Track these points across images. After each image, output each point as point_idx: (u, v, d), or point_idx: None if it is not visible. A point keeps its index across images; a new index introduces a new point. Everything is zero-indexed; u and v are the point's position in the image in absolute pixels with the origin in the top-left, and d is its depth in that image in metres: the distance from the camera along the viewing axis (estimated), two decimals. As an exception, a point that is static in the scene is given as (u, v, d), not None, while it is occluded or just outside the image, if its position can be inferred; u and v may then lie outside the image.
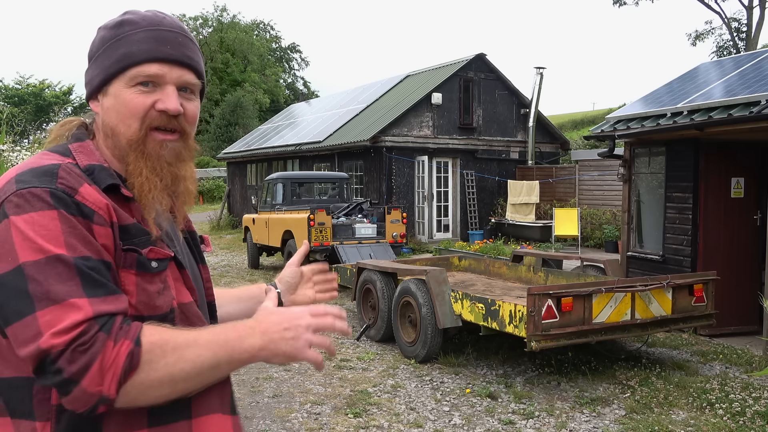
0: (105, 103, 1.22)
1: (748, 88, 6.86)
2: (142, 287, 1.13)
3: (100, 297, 1.03)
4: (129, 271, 1.12)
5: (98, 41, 1.23)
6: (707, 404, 4.96)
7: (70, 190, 1.09)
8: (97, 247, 1.07)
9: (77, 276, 1.03)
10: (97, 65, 1.22)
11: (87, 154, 1.19)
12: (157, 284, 1.15)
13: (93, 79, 1.23)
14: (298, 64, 58.58)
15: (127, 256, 1.12)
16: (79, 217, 1.07)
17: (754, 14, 27.71)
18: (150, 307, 1.13)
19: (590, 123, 35.29)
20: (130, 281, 1.12)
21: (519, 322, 5.24)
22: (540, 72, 17.80)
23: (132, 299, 1.11)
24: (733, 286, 7.09)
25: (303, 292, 1.62)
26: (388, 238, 10.81)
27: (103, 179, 1.16)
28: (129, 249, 1.13)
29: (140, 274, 1.13)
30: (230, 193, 24.22)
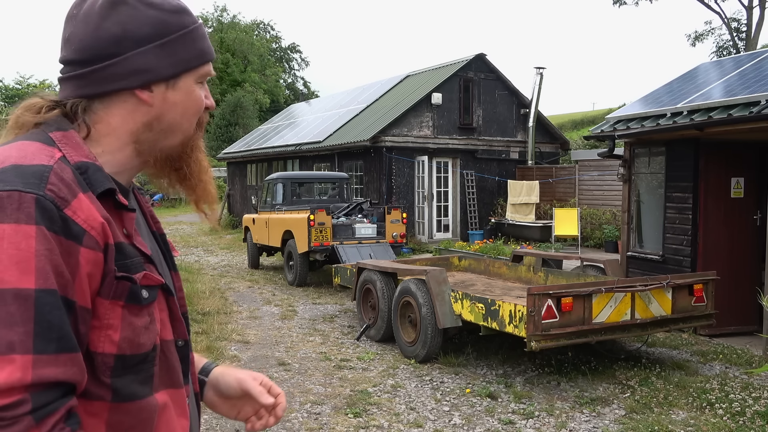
0: (171, 98, 1.06)
1: (748, 88, 6.86)
2: (129, 321, 0.96)
3: (49, 354, 0.83)
4: (117, 302, 0.94)
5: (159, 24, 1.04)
6: (707, 404, 4.96)
7: (60, 201, 0.90)
8: (68, 282, 0.88)
9: (32, 320, 0.83)
10: (168, 54, 1.04)
11: (74, 148, 0.99)
12: (145, 318, 0.99)
13: (161, 67, 1.04)
14: (298, 64, 58.59)
15: (119, 285, 0.95)
16: (62, 237, 0.88)
17: (754, 14, 27.71)
18: (134, 345, 0.96)
19: (590, 123, 35.29)
20: (115, 314, 0.94)
21: (519, 322, 5.24)
22: (540, 72, 17.79)
23: (115, 335, 0.94)
24: (733, 286, 7.09)
25: (231, 408, 1.27)
26: (388, 238, 10.81)
27: (98, 182, 0.98)
28: (123, 277, 0.95)
29: (128, 306, 0.96)
30: (230, 193, 24.23)
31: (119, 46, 1.01)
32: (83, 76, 1.03)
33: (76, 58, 1.03)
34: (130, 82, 1.03)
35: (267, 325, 7.96)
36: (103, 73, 1.02)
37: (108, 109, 1.04)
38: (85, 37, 1.02)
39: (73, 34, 1.03)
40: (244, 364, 6.20)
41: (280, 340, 7.17)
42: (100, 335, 0.93)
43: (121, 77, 1.02)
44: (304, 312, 8.71)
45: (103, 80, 1.02)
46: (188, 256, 14.81)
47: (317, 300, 9.56)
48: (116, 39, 1.01)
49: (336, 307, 9.06)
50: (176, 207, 35.06)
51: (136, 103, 1.04)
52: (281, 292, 10.29)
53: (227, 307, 8.94)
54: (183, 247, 17.02)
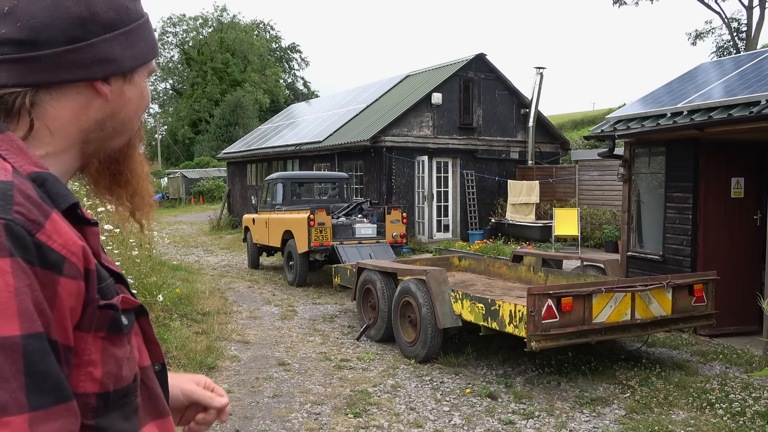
0: (127, 93, 0.93)
1: (748, 88, 6.86)
2: (110, 353, 0.83)
3: (46, 409, 0.72)
4: (98, 334, 0.81)
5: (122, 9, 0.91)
6: (707, 404, 4.96)
7: (31, 225, 0.75)
8: (49, 319, 0.75)
9: (23, 372, 0.71)
10: (131, 44, 0.92)
11: (19, 154, 0.82)
12: (126, 347, 0.86)
13: (124, 58, 0.91)
14: (298, 64, 58.64)
15: (102, 315, 0.82)
16: (38, 268, 0.74)
17: (754, 14, 27.70)
18: (117, 380, 0.84)
19: (590, 123, 35.29)
20: (96, 348, 0.81)
21: (519, 322, 5.24)
22: (540, 72, 17.79)
23: (97, 372, 0.81)
24: (733, 286, 7.09)
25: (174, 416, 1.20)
26: (388, 238, 10.81)
27: (61, 196, 0.82)
28: (106, 306, 0.82)
29: (109, 337, 0.83)
30: (230, 193, 24.23)
31: (84, 30, 0.86)
32: (34, 61, 0.85)
33: (22, 37, 0.84)
34: (93, 72, 0.88)
35: (267, 325, 7.95)
36: (62, 59, 0.85)
37: (56, 102, 0.87)
38: (38, 14, 0.85)
39: (19, 8, 0.84)
40: (244, 364, 6.20)
41: (280, 340, 7.17)
42: (80, 374, 0.81)
43: (83, 66, 0.87)
44: (304, 312, 8.71)
45: (61, 67, 0.86)
46: (188, 256, 14.80)
47: (317, 300, 9.56)
48: (82, 21, 0.86)
49: (336, 307, 9.06)
50: (176, 207, 35.08)
51: (91, 97, 0.89)
52: (281, 292, 10.29)
53: (227, 307, 8.94)
54: (183, 247, 17.02)
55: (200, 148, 45.17)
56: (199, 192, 36.16)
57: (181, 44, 52.23)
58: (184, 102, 49.43)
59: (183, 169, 41.50)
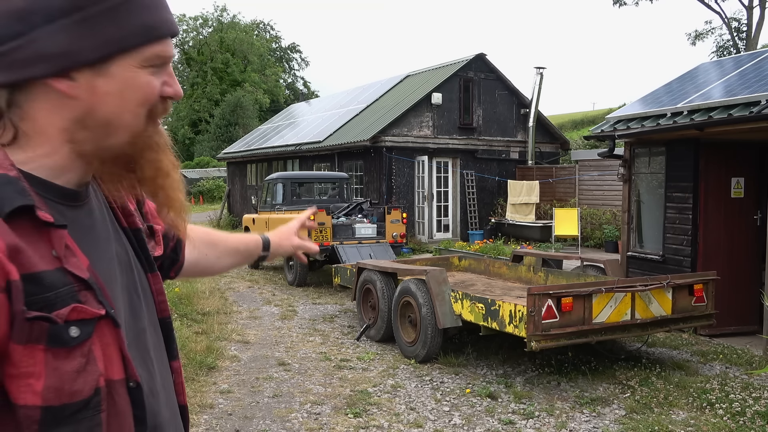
0: (102, 87, 0.85)
1: (748, 88, 6.86)
2: (54, 366, 0.79)
3: None
4: (35, 347, 0.78)
5: None
6: (707, 404, 4.96)
7: None
8: None
9: None
10: (91, 31, 0.82)
11: None
12: (76, 360, 0.81)
13: (81, 49, 0.82)
14: (298, 64, 58.63)
15: (34, 327, 0.78)
16: None
17: (754, 14, 27.70)
18: (63, 394, 0.79)
19: (590, 123, 35.29)
20: (36, 360, 0.78)
21: (519, 322, 5.24)
22: (540, 72, 17.79)
23: (37, 384, 0.78)
24: (733, 286, 7.09)
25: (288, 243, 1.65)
26: (388, 238, 10.81)
27: (5, 200, 0.78)
28: (37, 318, 0.78)
29: (52, 350, 0.79)
30: (230, 193, 24.23)
31: (25, 23, 0.80)
32: None
33: None
34: (40, 69, 0.81)
35: (267, 325, 7.95)
36: (6, 58, 0.81)
37: (33, 104, 0.84)
38: None
39: None
40: (244, 364, 6.20)
41: (280, 340, 7.17)
42: (20, 385, 0.78)
43: (28, 63, 0.81)
44: (304, 312, 8.71)
45: (9, 68, 0.81)
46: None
47: (317, 300, 9.56)
48: (21, 14, 0.79)
49: (336, 307, 9.06)
50: (176, 207, 34.99)
51: (59, 96, 0.84)
52: (281, 292, 10.29)
53: (227, 307, 8.94)
54: (183, 247, 17.00)
55: (200, 148, 45.18)
56: (199, 192, 36.17)
57: (181, 44, 52.23)
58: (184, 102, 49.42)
59: (183, 169, 41.37)
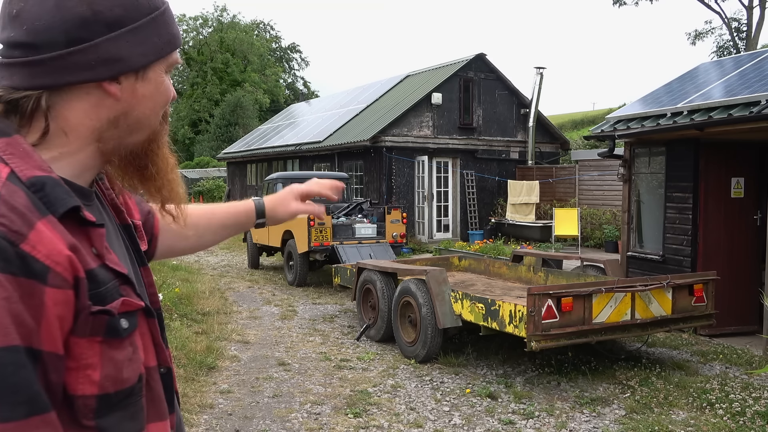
0: (141, 90, 0.92)
1: (748, 88, 6.86)
2: (109, 357, 0.84)
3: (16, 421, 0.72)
4: (94, 339, 0.82)
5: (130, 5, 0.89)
6: (707, 404, 4.96)
7: (13, 236, 0.75)
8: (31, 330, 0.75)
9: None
10: (141, 40, 0.90)
11: (23, 158, 0.83)
12: (127, 349, 0.87)
13: (133, 56, 0.89)
14: (298, 64, 58.61)
15: (96, 321, 0.82)
16: (21, 278, 0.75)
17: (754, 14, 27.70)
18: (117, 381, 0.85)
19: (590, 123, 35.29)
20: (93, 352, 0.82)
21: (519, 322, 5.24)
22: (540, 72, 17.80)
23: (95, 375, 0.82)
24: (733, 286, 7.09)
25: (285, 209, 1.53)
26: (388, 238, 10.81)
27: (59, 200, 0.82)
28: (99, 311, 0.83)
29: (107, 341, 0.84)
30: (230, 193, 24.24)
31: (88, 30, 0.85)
32: (40, 64, 0.85)
33: (28, 40, 0.85)
34: (99, 73, 0.87)
35: (267, 325, 7.95)
36: (65, 62, 0.85)
37: (67, 104, 0.88)
38: (42, 16, 0.84)
39: (25, 11, 0.85)
40: (244, 364, 6.20)
41: (280, 340, 7.17)
42: (78, 377, 0.82)
43: (88, 67, 0.86)
44: (304, 312, 8.71)
45: (65, 69, 0.86)
46: (188, 256, 14.80)
47: (317, 300, 9.56)
48: (84, 21, 0.85)
49: (336, 307, 9.06)
50: (176, 207, 35.00)
51: (101, 97, 0.89)
52: (281, 292, 10.29)
53: (227, 307, 8.94)
54: (183, 247, 17.00)
55: (200, 148, 45.16)
56: (199, 192, 36.14)
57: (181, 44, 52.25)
58: (184, 102, 49.42)
59: (183, 169, 41.48)
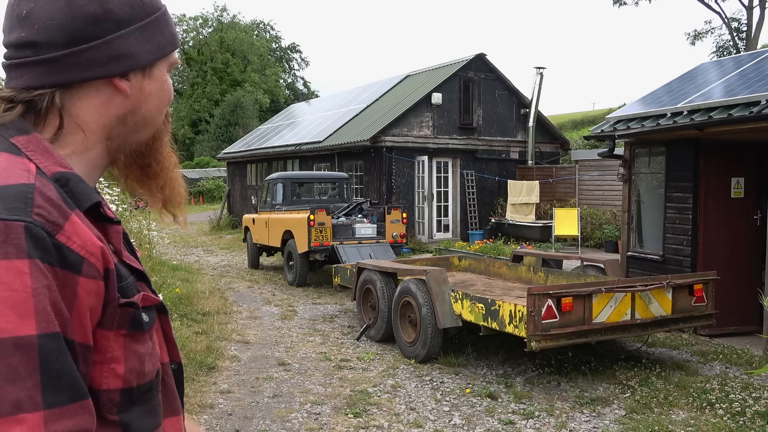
0: (147, 87, 0.94)
1: (748, 88, 6.86)
2: (132, 350, 0.86)
3: (61, 407, 0.73)
4: (119, 332, 0.84)
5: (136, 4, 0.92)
6: (707, 404, 4.96)
7: (51, 227, 0.77)
8: (66, 319, 0.76)
9: (38, 370, 0.72)
10: (147, 38, 0.93)
11: (45, 155, 0.85)
12: (148, 343, 0.89)
13: (141, 53, 0.92)
14: (298, 64, 58.63)
15: (123, 313, 0.84)
16: (58, 268, 0.76)
17: (754, 14, 27.69)
18: (140, 375, 0.87)
19: (590, 123, 35.29)
20: (118, 345, 0.84)
21: (519, 322, 5.24)
22: (540, 72, 17.79)
23: (120, 368, 0.84)
24: (733, 286, 7.09)
25: None
26: (388, 238, 10.80)
27: (84, 195, 0.84)
28: (126, 304, 0.85)
29: (131, 334, 0.85)
30: (230, 193, 24.22)
31: (99, 28, 0.87)
32: (53, 62, 0.87)
33: (41, 39, 0.86)
34: (110, 69, 0.89)
35: (267, 325, 7.95)
36: (78, 59, 0.87)
37: (78, 101, 0.90)
38: (54, 15, 0.86)
39: (36, 11, 0.86)
40: (244, 364, 6.20)
41: (280, 340, 7.17)
42: (103, 370, 0.83)
43: (100, 63, 0.88)
44: (304, 312, 8.71)
45: (78, 66, 0.87)
46: (188, 256, 14.81)
47: (317, 300, 9.56)
48: (96, 19, 0.87)
49: (336, 307, 9.06)
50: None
51: (111, 94, 0.91)
52: (281, 292, 10.29)
53: (227, 307, 8.94)
54: (183, 247, 17.03)
55: (200, 148, 45.17)
56: (199, 192, 36.17)
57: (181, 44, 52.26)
58: (184, 102, 49.43)
59: (183, 169, 41.17)
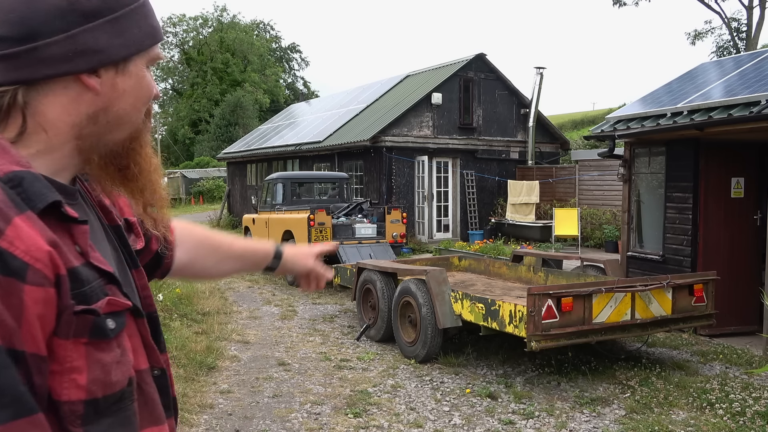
0: (121, 84, 0.89)
1: (748, 87, 6.86)
2: (96, 359, 0.80)
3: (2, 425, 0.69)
4: (79, 340, 0.78)
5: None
6: (707, 404, 4.96)
7: None
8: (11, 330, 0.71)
9: None
10: (120, 31, 0.87)
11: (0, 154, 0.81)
12: (114, 351, 0.83)
13: (112, 48, 0.86)
14: (298, 64, 58.62)
15: (80, 321, 0.78)
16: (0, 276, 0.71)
17: (754, 14, 27.68)
18: (105, 385, 0.81)
19: (590, 123, 35.29)
20: (79, 353, 0.78)
21: (519, 322, 5.24)
22: (540, 72, 17.79)
23: (81, 379, 0.78)
24: (733, 286, 7.09)
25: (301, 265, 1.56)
26: (388, 238, 10.81)
27: (38, 195, 0.79)
28: (83, 311, 0.79)
29: (93, 342, 0.80)
30: (230, 193, 24.22)
31: (64, 21, 0.82)
32: (15, 57, 0.81)
33: (3, 33, 0.82)
34: (76, 65, 0.84)
35: (267, 325, 7.95)
36: (42, 54, 0.82)
37: (44, 99, 0.85)
38: (16, 8, 0.81)
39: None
40: (244, 364, 6.20)
41: (280, 340, 7.17)
42: (63, 381, 0.78)
43: (66, 59, 0.83)
44: (304, 312, 8.71)
45: (42, 62, 0.82)
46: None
47: (317, 300, 9.56)
48: (60, 11, 0.82)
49: (336, 307, 9.06)
50: (176, 207, 35.04)
51: (80, 91, 0.86)
52: (281, 292, 10.29)
53: (227, 307, 8.94)
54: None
55: (200, 148, 45.17)
56: (199, 192, 36.18)
57: (181, 44, 52.22)
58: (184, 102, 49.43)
59: (183, 169, 41.51)
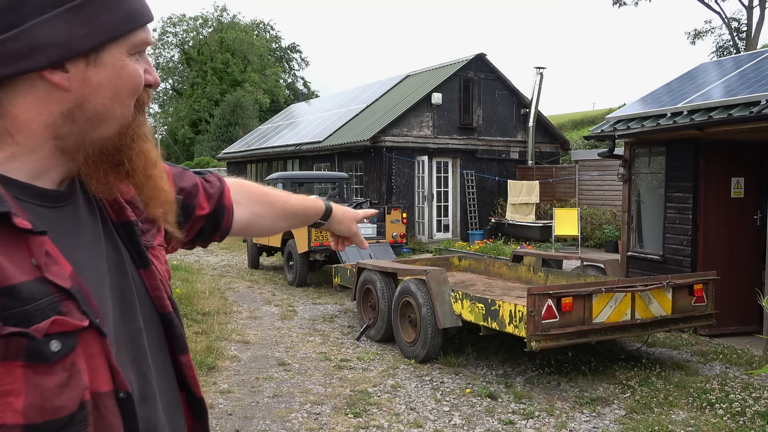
0: (94, 78, 0.81)
1: (748, 88, 6.86)
2: (34, 383, 0.74)
3: None
4: (13, 363, 0.73)
5: None
6: (707, 404, 4.96)
7: None
8: None
9: None
10: (84, 19, 0.79)
11: None
12: (58, 375, 0.76)
13: (76, 38, 0.78)
14: (298, 64, 58.59)
15: (11, 344, 0.73)
16: None
17: (754, 14, 27.69)
18: (46, 411, 0.75)
19: (590, 123, 35.28)
20: (14, 377, 0.73)
21: (519, 322, 5.24)
22: (540, 72, 17.80)
23: (17, 403, 0.73)
24: (733, 286, 7.09)
25: None
26: (388, 238, 10.81)
27: None
28: (13, 334, 0.73)
29: (31, 366, 0.74)
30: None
31: (17, 14, 0.76)
32: None
33: None
34: (36, 61, 0.77)
35: (267, 325, 7.95)
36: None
37: (13, 99, 0.79)
38: None
39: None
40: (244, 364, 6.20)
41: (280, 340, 7.17)
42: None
43: (23, 56, 0.76)
44: (304, 312, 8.71)
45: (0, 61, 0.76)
46: (188, 256, 14.80)
47: (317, 300, 9.56)
48: (12, 4, 0.76)
49: (336, 307, 9.06)
50: (176, 207, 35.00)
51: (49, 89, 0.80)
52: (281, 292, 10.29)
53: (227, 307, 8.94)
54: (183, 247, 17.00)
55: (200, 148, 45.16)
56: (198, 192, 36.12)
57: (181, 44, 52.23)
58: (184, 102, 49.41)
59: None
